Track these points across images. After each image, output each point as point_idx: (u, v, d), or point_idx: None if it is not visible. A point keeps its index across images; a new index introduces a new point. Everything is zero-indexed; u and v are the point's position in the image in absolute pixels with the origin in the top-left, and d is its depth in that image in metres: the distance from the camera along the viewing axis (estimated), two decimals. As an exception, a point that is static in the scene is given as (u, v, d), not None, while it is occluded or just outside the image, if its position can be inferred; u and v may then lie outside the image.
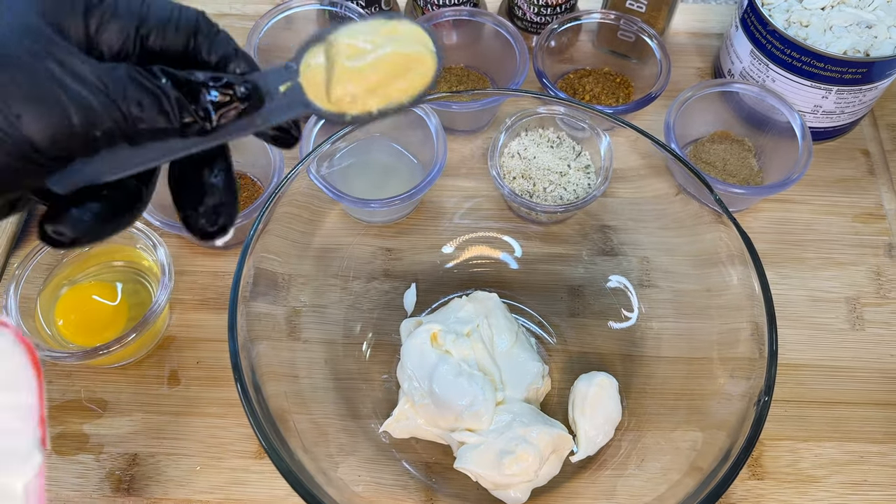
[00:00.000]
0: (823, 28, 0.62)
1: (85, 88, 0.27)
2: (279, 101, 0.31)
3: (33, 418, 0.28)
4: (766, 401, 0.42)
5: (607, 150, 0.59)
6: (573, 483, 0.51)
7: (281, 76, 0.32)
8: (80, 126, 0.27)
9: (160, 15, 0.30)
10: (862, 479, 0.54)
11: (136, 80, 0.28)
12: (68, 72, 0.27)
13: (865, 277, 0.63)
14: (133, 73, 0.28)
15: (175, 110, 0.28)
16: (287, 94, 0.31)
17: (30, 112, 0.26)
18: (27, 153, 0.26)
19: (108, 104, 0.27)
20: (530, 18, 0.72)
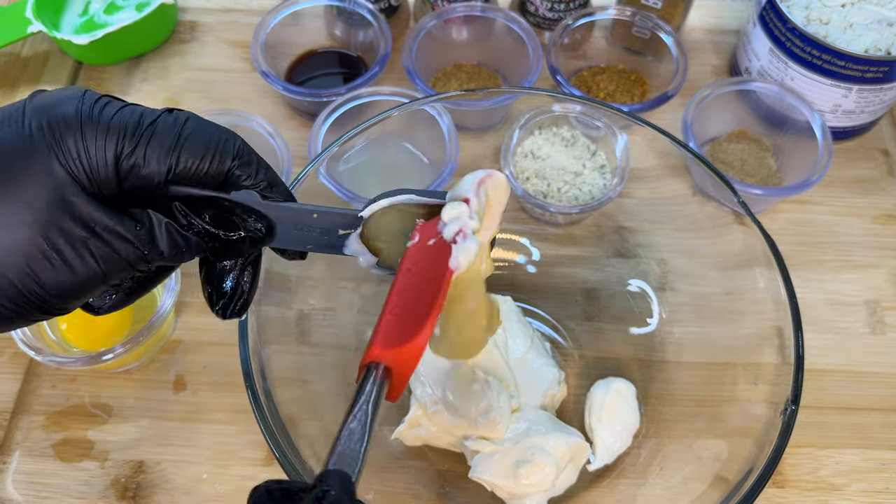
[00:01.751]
0: (844, 25, 0.60)
1: (111, 254, 0.29)
2: (330, 241, 0.35)
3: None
4: (794, 410, 0.41)
5: (624, 149, 0.57)
6: (590, 492, 0.49)
7: (344, 223, 0.35)
8: (105, 278, 0.29)
9: (196, 154, 0.31)
10: (884, 487, 0.53)
11: (162, 234, 0.30)
12: (93, 243, 0.29)
13: (886, 280, 0.62)
14: (159, 229, 0.30)
15: (193, 251, 0.32)
16: (342, 238, 0.36)
17: (54, 278, 0.28)
18: (48, 307, 0.29)
19: (135, 259, 0.30)
20: (543, 14, 0.71)
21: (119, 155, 0.29)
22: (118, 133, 0.29)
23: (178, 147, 0.30)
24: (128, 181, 0.30)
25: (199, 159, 0.31)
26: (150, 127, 0.30)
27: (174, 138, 0.30)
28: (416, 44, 0.65)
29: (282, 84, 0.64)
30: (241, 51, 0.73)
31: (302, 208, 0.34)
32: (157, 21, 0.71)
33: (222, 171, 0.32)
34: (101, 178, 0.29)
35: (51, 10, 0.71)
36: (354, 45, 0.71)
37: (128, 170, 0.30)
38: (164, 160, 0.30)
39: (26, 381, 0.55)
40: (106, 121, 0.29)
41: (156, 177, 0.30)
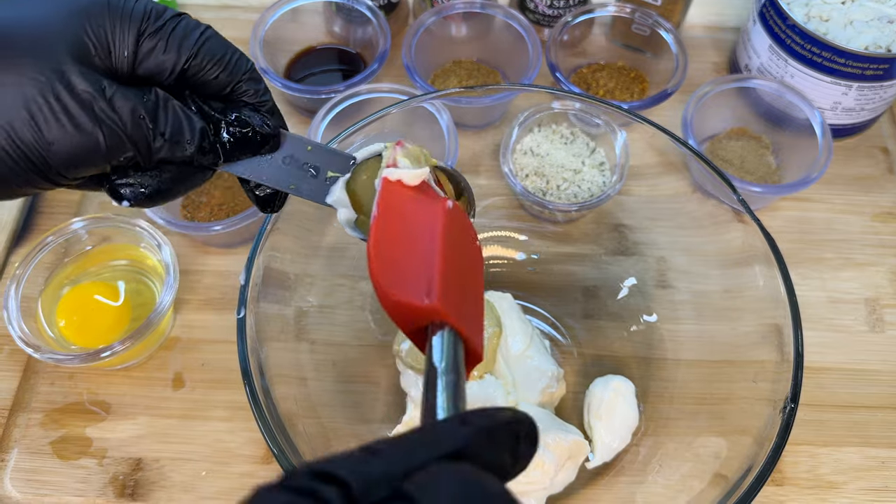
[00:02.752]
0: (844, 23, 0.60)
1: (113, 123, 0.29)
2: (316, 184, 0.34)
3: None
4: (793, 408, 0.41)
5: (623, 146, 0.57)
6: (589, 490, 0.49)
7: (335, 164, 0.35)
8: (107, 153, 0.30)
9: (213, 54, 0.32)
10: (883, 485, 0.53)
11: (168, 111, 0.31)
12: (100, 110, 0.29)
13: (885, 278, 0.62)
14: (165, 104, 0.31)
15: (195, 142, 0.32)
16: (329, 183, 0.35)
17: (60, 140, 0.29)
18: (47, 171, 0.30)
19: (138, 134, 0.30)
20: (543, 11, 0.70)
21: (141, 34, 0.30)
22: (143, 16, 0.31)
23: (197, 43, 0.31)
24: (143, 66, 0.31)
25: (215, 61, 0.32)
26: (176, 19, 0.32)
27: (197, 35, 0.32)
28: (415, 40, 0.65)
29: (280, 81, 0.64)
30: (240, 47, 0.73)
31: (298, 137, 0.34)
32: (156, 17, 0.71)
33: (231, 80, 0.33)
34: (119, 54, 0.30)
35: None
36: (353, 41, 0.71)
37: (146, 52, 0.31)
38: (183, 51, 0.31)
39: (24, 378, 0.55)
40: (131, 4, 0.31)
41: (171, 65, 0.31)
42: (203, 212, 0.59)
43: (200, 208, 0.59)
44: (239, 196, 0.60)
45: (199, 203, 0.60)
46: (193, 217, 0.59)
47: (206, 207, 0.60)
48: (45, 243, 0.54)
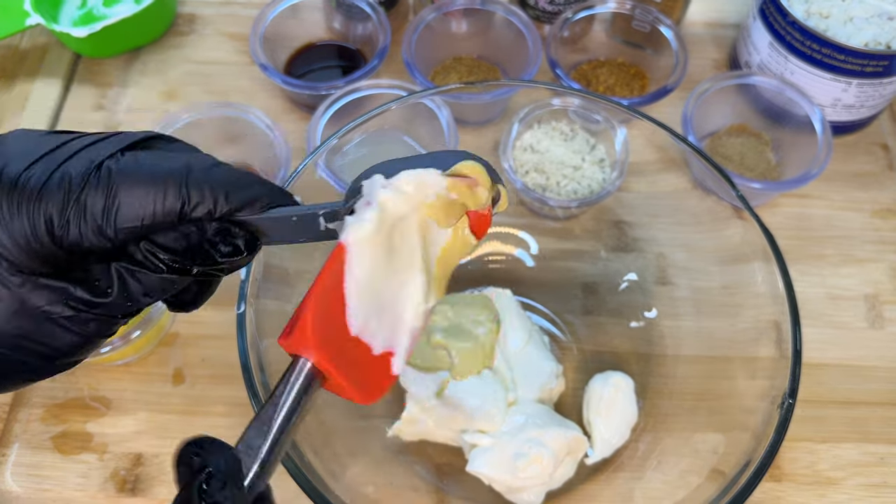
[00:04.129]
0: (844, 19, 0.60)
1: (95, 322, 0.29)
2: (316, 234, 0.32)
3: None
4: (791, 403, 0.41)
5: (623, 143, 0.57)
6: (588, 486, 0.49)
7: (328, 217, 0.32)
8: (100, 335, 0.30)
9: (133, 220, 0.28)
10: (882, 481, 0.53)
11: (138, 283, 0.29)
12: (76, 321, 0.28)
13: (885, 275, 0.62)
14: (131, 279, 0.29)
15: (179, 284, 0.30)
16: (327, 231, 0.32)
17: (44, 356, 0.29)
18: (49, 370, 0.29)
19: (122, 311, 0.29)
20: (543, 7, 0.70)
21: (53, 234, 0.27)
22: (43, 214, 0.26)
23: (111, 213, 0.27)
24: (75, 255, 0.28)
25: (140, 216, 0.28)
26: (79, 200, 0.27)
27: (103, 204, 0.27)
28: (415, 37, 0.65)
29: (280, 77, 0.64)
30: (240, 43, 0.73)
31: (281, 217, 0.31)
32: (156, 13, 0.71)
33: (174, 218, 0.28)
34: (45, 257, 0.27)
35: (49, 3, 0.71)
36: (353, 37, 0.71)
37: (68, 247, 0.27)
38: (102, 232, 0.27)
39: (25, 373, 0.55)
40: (30, 198, 0.26)
41: (99, 248, 0.28)
42: (203, 208, 0.59)
43: (201, 204, 0.59)
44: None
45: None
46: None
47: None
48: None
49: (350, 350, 0.30)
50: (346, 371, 0.29)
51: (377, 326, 0.31)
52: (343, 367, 0.29)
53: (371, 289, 0.30)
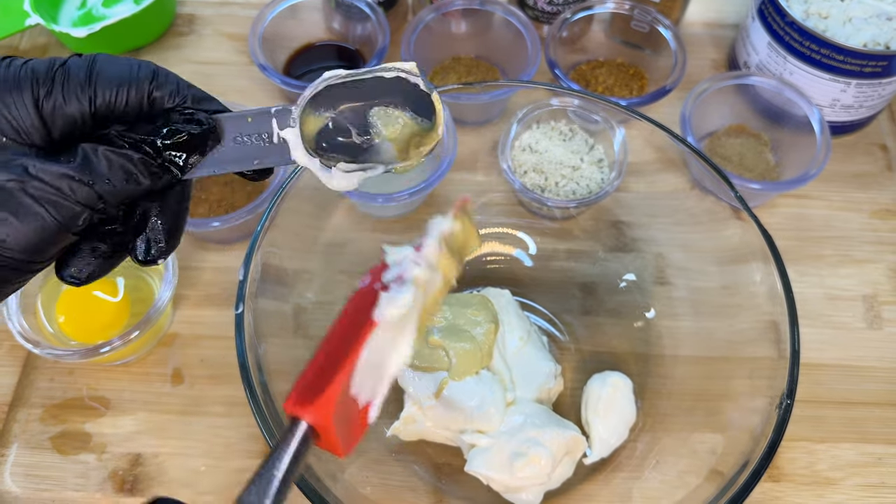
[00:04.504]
0: (843, 20, 0.60)
1: (53, 195, 0.29)
2: (271, 147, 0.33)
3: None
4: (789, 404, 0.41)
5: (622, 143, 0.57)
6: (587, 486, 0.49)
7: (280, 120, 0.33)
8: (61, 225, 0.29)
9: (112, 84, 0.31)
10: (880, 481, 0.53)
11: (100, 159, 0.29)
12: (33, 188, 0.28)
13: (883, 275, 0.62)
14: (94, 155, 0.29)
15: (143, 172, 0.30)
16: (280, 144, 0.33)
17: (11, 234, 0.28)
18: (15, 264, 0.29)
19: (83, 194, 0.29)
20: (542, 7, 0.70)
21: (37, 100, 0.30)
22: (31, 80, 0.30)
23: (91, 80, 0.30)
24: (55, 127, 0.30)
25: (116, 88, 0.31)
26: (62, 68, 0.30)
27: (86, 73, 0.30)
28: (414, 37, 0.65)
29: (280, 77, 0.64)
30: (240, 44, 0.73)
31: (235, 115, 0.33)
32: (155, 14, 0.71)
33: (142, 96, 0.31)
34: (28, 128, 0.30)
35: (49, 3, 0.71)
36: (352, 38, 0.71)
37: (50, 113, 0.30)
38: (83, 95, 0.30)
39: (24, 373, 0.55)
40: (15, 72, 0.30)
41: (79, 115, 0.30)
42: (201, 208, 0.59)
43: (199, 204, 0.59)
44: (237, 192, 0.60)
45: (198, 199, 0.60)
46: (192, 213, 0.59)
47: (205, 204, 0.60)
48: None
49: (344, 409, 0.30)
50: (339, 430, 0.29)
51: (367, 382, 0.31)
52: (338, 426, 0.29)
53: (378, 353, 0.31)
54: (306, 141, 0.34)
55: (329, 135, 0.34)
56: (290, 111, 0.33)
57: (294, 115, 0.33)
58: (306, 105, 0.33)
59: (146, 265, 0.33)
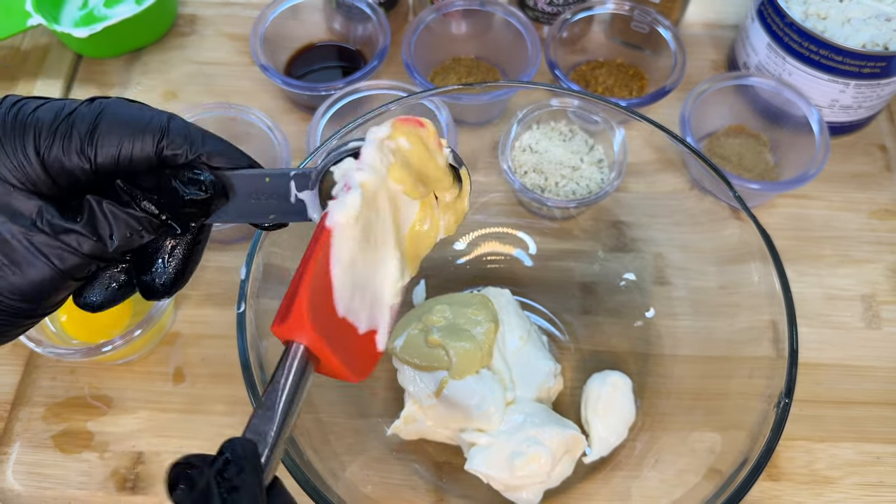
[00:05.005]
0: (842, 21, 0.60)
1: (58, 249, 0.29)
2: (288, 206, 0.33)
3: None
4: (787, 403, 0.41)
5: (621, 143, 0.58)
6: (586, 484, 0.50)
7: (298, 183, 0.33)
8: (64, 275, 0.29)
9: (116, 137, 0.30)
10: (878, 480, 0.53)
11: (105, 215, 0.29)
12: (39, 243, 0.28)
13: (882, 275, 0.62)
14: (99, 210, 0.29)
15: (148, 228, 0.30)
16: (297, 203, 0.33)
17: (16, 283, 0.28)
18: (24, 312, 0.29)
19: (89, 248, 0.29)
20: (542, 8, 0.71)
21: (39, 152, 0.29)
22: (34, 129, 0.29)
23: (94, 137, 0.29)
24: (59, 179, 0.30)
25: (119, 144, 0.30)
26: (67, 119, 0.29)
27: (89, 127, 0.29)
28: (414, 38, 0.66)
29: (281, 77, 0.64)
30: (241, 44, 0.74)
31: (253, 174, 0.32)
32: (157, 14, 0.71)
33: (149, 153, 0.30)
34: (33, 178, 0.29)
35: (51, 3, 0.71)
36: (353, 38, 0.71)
37: (52, 166, 0.29)
38: (82, 153, 0.29)
39: (26, 372, 0.56)
40: (23, 119, 0.29)
41: (80, 170, 0.30)
42: (204, 208, 0.60)
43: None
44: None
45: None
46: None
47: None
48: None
49: (339, 331, 0.30)
50: (338, 352, 0.30)
51: (360, 306, 0.32)
52: (335, 348, 0.30)
53: (354, 269, 0.31)
54: (325, 199, 0.33)
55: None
56: (308, 176, 0.33)
57: (313, 179, 0.33)
58: (327, 168, 0.33)
59: (150, 300, 0.33)
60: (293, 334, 0.29)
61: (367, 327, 0.32)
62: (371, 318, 0.32)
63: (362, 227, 0.31)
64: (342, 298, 0.31)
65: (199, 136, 0.31)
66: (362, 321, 0.32)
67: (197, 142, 0.31)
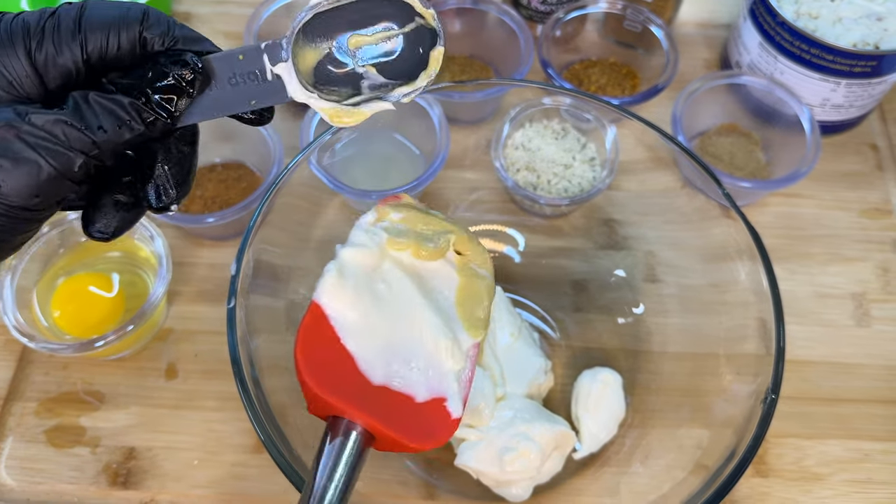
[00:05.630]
0: (833, 20, 0.61)
1: (46, 141, 0.28)
2: (270, 85, 0.31)
3: None
4: (774, 399, 0.41)
5: (613, 142, 0.58)
6: (576, 480, 0.50)
7: (272, 56, 0.31)
8: (57, 172, 0.29)
9: (101, 29, 0.30)
10: (866, 477, 0.54)
11: (90, 105, 0.29)
12: (26, 133, 0.28)
13: (872, 273, 0.62)
14: (83, 101, 0.29)
15: (135, 117, 0.30)
16: (275, 81, 0.31)
17: (6, 179, 0.28)
18: (16, 213, 0.29)
19: (76, 139, 0.29)
20: (535, 7, 0.71)
21: (29, 51, 0.30)
22: (22, 32, 0.30)
23: (81, 27, 0.30)
24: (49, 78, 0.30)
25: (107, 33, 0.30)
26: (52, 18, 0.30)
27: (75, 20, 0.30)
28: (408, 36, 0.66)
29: (274, 75, 0.64)
30: (235, 42, 0.74)
31: (227, 54, 0.32)
32: (151, 11, 0.71)
33: (134, 39, 0.31)
34: (22, 80, 0.30)
35: (45, 2, 0.71)
36: (347, 36, 0.71)
37: (43, 64, 0.30)
38: (74, 43, 0.30)
39: (19, 367, 0.56)
40: (6, 25, 0.30)
41: (72, 64, 0.30)
42: (196, 204, 0.60)
43: (194, 201, 0.60)
44: (232, 189, 0.61)
45: (193, 196, 0.60)
46: (187, 209, 0.60)
47: (200, 200, 0.60)
48: (40, 235, 0.55)
49: (386, 401, 0.31)
50: (388, 421, 0.31)
51: (407, 373, 0.32)
52: (385, 418, 0.30)
53: (374, 337, 0.32)
54: (303, 76, 0.32)
55: (327, 67, 0.32)
56: (280, 45, 0.31)
57: (285, 48, 0.31)
58: (298, 37, 0.32)
59: (159, 213, 0.33)
60: (324, 409, 0.30)
61: (430, 395, 0.33)
62: (431, 386, 0.33)
63: (367, 297, 0.32)
64: (373, 367, 0.32)
65: (174, 22, 0.32)
66: (419, 390, 0.33)
67: (173, 26, 0.32)
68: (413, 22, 0.33)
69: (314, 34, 0.32)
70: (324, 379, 0.30)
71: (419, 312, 0.34)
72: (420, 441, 0.32)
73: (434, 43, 0.34)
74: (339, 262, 0.32)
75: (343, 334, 0.31)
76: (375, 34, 0.32)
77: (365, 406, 0.30)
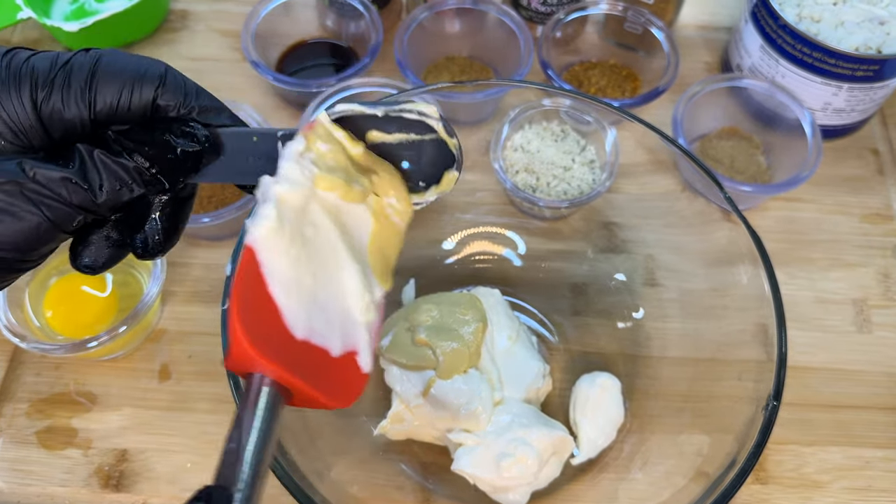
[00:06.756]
0: (835, 23, 0.60)
1: (49, 199, 0.28)
2: (276, 168, 0.31)
3: None
4: (775, 405, 0.41)
5: (613, 144, 0.57)
6: (574, 486, 0.49)
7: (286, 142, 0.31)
8: (54, 226, 0.28)
9: (113, 87, 0.30)
10: (867, 484, 0.53)
11: (95, 164, 0.29)
12: (30, 191, 0.28)
13: (873, 279, 0.62)
14: (90, 159, 0.29)
15: (137, 181, 0.29)
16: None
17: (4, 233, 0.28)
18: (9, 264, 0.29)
19: (79, 197, 0.28)
20: (535, 8, 0.70)
21: (36, 102, 0.29)
22: (30, 80, 0.29)
23: (93, 84, 0.29)
24: (55, 129, 0.29)
25: (118, 92, 0.29)
26: (64, 68, 0.29)
27: (88, 75, 0.29)
28: (407, 36, 0.65)
29: (272, 74, 0.64)
30: (232, 40, 0.73)
31: (241, 132, 0.32)
32: (148, 9, 0.71)
33: (147, 102, 0.30)
34: (27, 129, 0.29)
35: (43, 1, 0.71)
36: (346, 35, 0.71)
37: (49, 116, 0.29)
38: (83, 100, 0.29)
39: (10, 368, 0.55)
40: (16, 69, 0.29)
41: (78, 119, 0.29)
42: (192, 204, 0.59)
43: (189, 200, 0.59)
44: (228, 188, 0.60)
45: (189, 195, 0.60)
46: (182, 209, 0.59)
47: (196, 200, 0.59)
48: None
49: (304, 357, 0.29)
50: (308, 379, 0.28)
51: (326, 327, 0.30)
52: (304, 375, 0.28)
53: (300, 288, 0.29)
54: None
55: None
56: (295, 135, 0.32)
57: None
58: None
59: (143, 259, 0.33)
60: (246, 366, 0.28)
61: (343, 349, 0.31)
62: (345, 339, 0.31)
63: (299, 243, 0.30)
64: (297, 320, 0.29)
65: (194, 90, 0.31)
66: (334, 343, 0.30)
67: (191, 94, 0.31)
68: (434, 133, 0.33)
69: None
70: (255, 333, 0.28)
71: (341, 259, 0.31)
72: (337, 398, 0.30)
73: (451, 164, 0.34)
74: (276, 202, 0.29)
75: (272, 283, 0.28)
76: (394, 134, 0.33)
77: (289, 363, 0.27)
